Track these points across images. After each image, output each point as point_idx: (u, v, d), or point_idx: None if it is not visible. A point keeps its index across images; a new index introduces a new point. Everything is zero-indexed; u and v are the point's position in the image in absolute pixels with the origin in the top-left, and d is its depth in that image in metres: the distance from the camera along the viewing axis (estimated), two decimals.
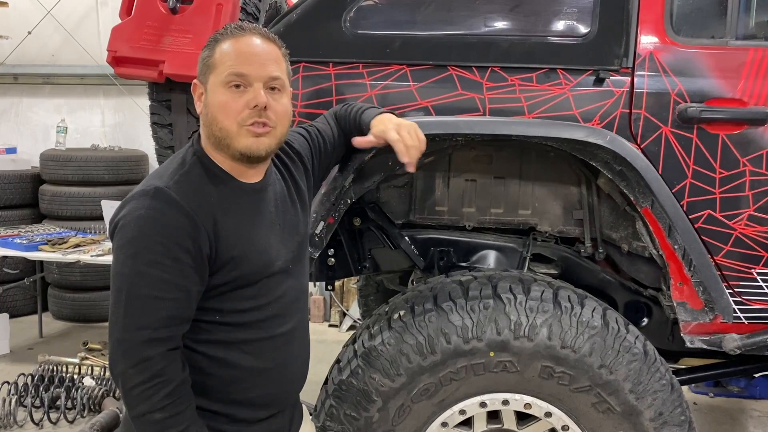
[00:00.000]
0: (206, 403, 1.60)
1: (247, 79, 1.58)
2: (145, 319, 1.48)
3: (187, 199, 1.53)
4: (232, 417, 1.65)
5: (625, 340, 2.13)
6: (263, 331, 1.66)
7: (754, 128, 2.22)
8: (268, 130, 1.61)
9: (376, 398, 2.16)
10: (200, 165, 1.62)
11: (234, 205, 1.62)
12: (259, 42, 1.62)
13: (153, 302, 1.48)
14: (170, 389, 1.47)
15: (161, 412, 1.47)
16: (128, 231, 1.50)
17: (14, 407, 3.99)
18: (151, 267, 1.48)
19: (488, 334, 2.11)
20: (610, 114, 2.22)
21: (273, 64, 1.62)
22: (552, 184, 2.56)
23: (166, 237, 1.50)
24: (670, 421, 2.15)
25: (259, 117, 1.58)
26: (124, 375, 1.47)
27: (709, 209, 2.26)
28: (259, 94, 1.57)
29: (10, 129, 7.02)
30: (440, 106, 2.26)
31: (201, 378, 1.58)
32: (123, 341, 1.48)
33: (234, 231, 1.59)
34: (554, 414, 2.17)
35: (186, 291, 1.52)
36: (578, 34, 2.28)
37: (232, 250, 1.58)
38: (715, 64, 2.24)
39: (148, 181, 1.59)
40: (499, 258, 2.65)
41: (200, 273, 1.54)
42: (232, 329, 1.62)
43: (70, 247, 4.79)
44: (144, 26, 2.33)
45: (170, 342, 1.50)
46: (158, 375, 1.46)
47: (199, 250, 1.52)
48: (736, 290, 2.31)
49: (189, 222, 1.51)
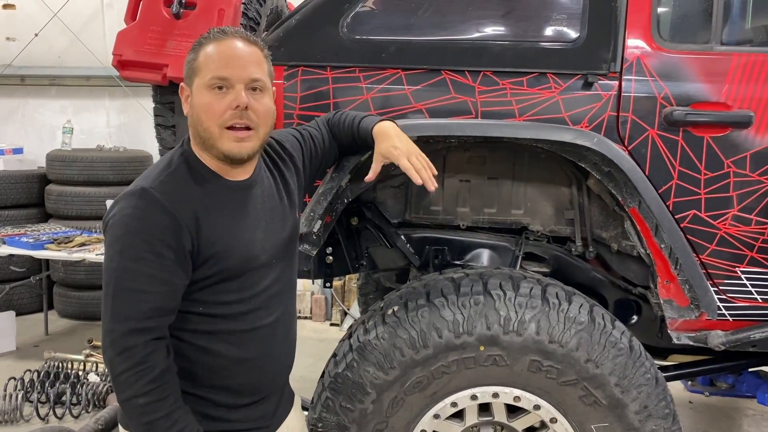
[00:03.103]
0: (191, 388, 1.68)
1: (229, 81, 1.65)
2: (130, 310, 1.56)
3: (170, 198, 1.61)
4: (215, 402, 1.73)
5: (611, 336, 2.18)
6: (246, 323, 1.73)
7: (738, 131, 2.28)
8: (250, 134, 1.68)
9: (371, 390, 2.20)
10: (186, 165, 1.70)
11: (218, 202, 1.69)
12: (241, 45, 1.69)
13: (137, 295, 1.56)
14: (153, 376, 1.55)
15: (145, 397, 1.54)
16: (116, 229, 1.59)
17: (21, 402, 4.04)
18: (135, 262, 1.57)
19: (478, 329, 2.16)
20: (599, 117, 2.28)
21: (254, 66, 1.69)
22: (543, 184, 2.60)
23: (150, 234, 1.58)
24: (654, 414, 2.19)
25: (241, 118, 1.65)
26: (111, 362, 1.56)
27: (695, 209, 2.32)
28: (240, 95, 1.65)
29: (17, 129, 7.08)
30: (434, 108, 2.32)
31: (187, 365, 1.66)
32: (110, 331, 1.56)
33: (217, 227, 1.67)
34: (543, 407, 2.22)
35: (169, 284, 1.59)
36: (567, 39, 2.33)
37: (215, 245, 1.65)
38: (701, 68, 2.29)
39: (137, 182, 1.67)
40: (493, 256, 2.69)
41: (183, 267, 1.61)
42: (215, 320, 1.70)
43: (75, 246, 4.84)
44: (148, 31, 2.38)
45: (154, 332, 1.57)
46: (142, 362, 1.54)
47: (181, 246, 1.60)
48: (721, 288, 2.37)
49: (171, 220, 1.59)
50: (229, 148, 1.66)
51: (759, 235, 2.32)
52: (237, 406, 1.77)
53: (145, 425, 1.56)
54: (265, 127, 1.72)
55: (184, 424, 1.59)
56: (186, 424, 1.59)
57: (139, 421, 1.56)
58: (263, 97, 1.71)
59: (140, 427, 1.57)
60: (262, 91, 1.71)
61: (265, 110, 1.71)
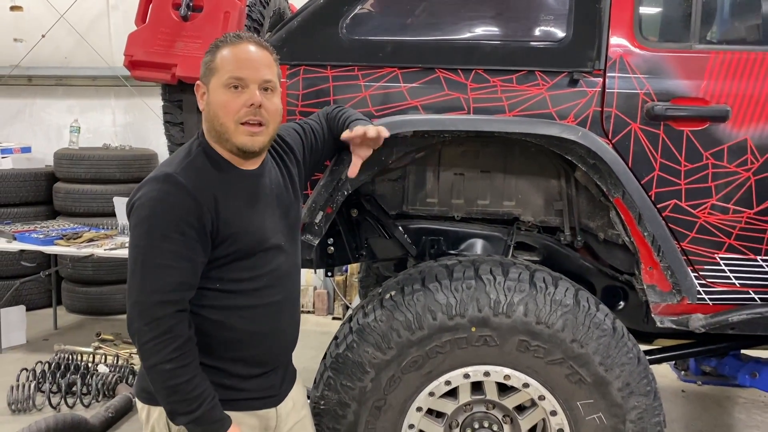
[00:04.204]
0: (208, 359, 1.83)
1: (245, 81, 1.81)
2: (157, 283, 1.72)
3: (192, 183, 1.76)
4: (230, 372, 1.89)
5: (595, 317, 2.29)
6: (258, 298, 1.89)
7: (715, 125, 2.38)
8: (262, 129, 1.84)
9: (369, 370, 2.33)
10: (204, 154, 1.86)
11: (233, 188, 1.85)
12: (255, 49, 1.86)
13: (163, 270, 1.72)
14: (178, 344, 1.71)
15: (170, 363, 1.70)
16: (143, 210, 1.74)
17: (33, 392, 4.15)
18: (162, 240, 1.72)
19: (470, 311, 2.28)
20: (584, 112, 2.39)
21: (266, 68, 1.85)
22: (534, 177, 2.70)
23: (175, 215, 1.73)
24: (636, 391, 2.31)
25: (255, 115, 1.82)
26: (139, 332, 1.71)
27: (675, 199, 2.42)
28: (255, 94, 1.81)
29: (25, 129, 7.17)
30: (428, 105, 2.43)
31: (204, 339, 1.81)
32: (138, 303, 1.72)
33: (233, 210, 1.82)
34: (531, 385, 2.34)
35: (191, 261, 1.75)
36: (554, 39, 2.44)
37: (231, 226, 1.81)
38: (680, 66, 2.40)
39: (160, 168, 1.83)
40: (486, 246, 2.79)
41: (204, 246, 1.77)
42: (231, 296, 1.86)
43: (84, 242, 4.94)
44: (158, 33, 2.47)
45: (178, 304, 1.73)
46: (167, 332, 1.70)
47: (202, 226, 1.75)
48: (701, 274, 2.47)
49: (194, 202, 1.74)
50: (243, 141, 1.82)
51: (736, 223, 2.43)
52: (249, 377, 1.92)
53: (170, 388, 1.72)
54: (274, 123, 1.88)
55: (203, 388, 1.75)
56: (204, 389, 1.75)
57: (165, 385, 1.72)
58: (273, 96, 1.87)
59: (165, 390, 1.73)
60: (273, 91, 1.87)
61: (275, 108, 1.87)
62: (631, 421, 2.32)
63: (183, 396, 1.73)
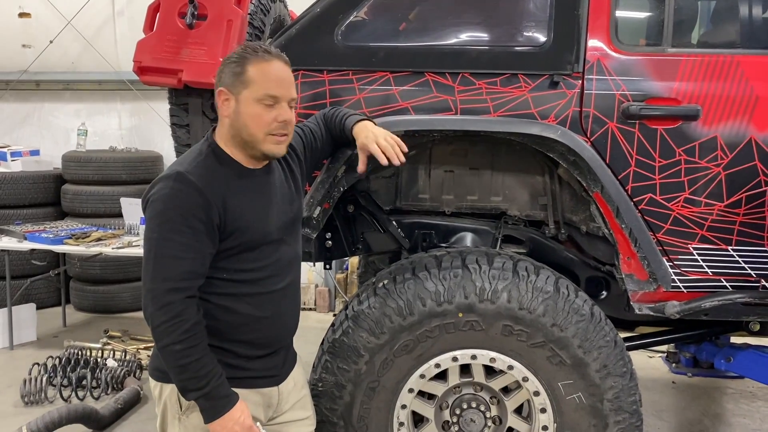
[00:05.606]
0: (216, 342, 1.99)
1: (278, 99, 1.98)
2: (168, 272, 1.88)
3: (202, 180, 1.93)
4: (236, 353, 2.05)
5: (574, 303, 2.43)
6: (262, 286, 2.06)
7: (687, 123, 2.51)
8: (286, 139, 2.04)
9: (364, 353, 2.47)
10: (213, 154, 2.02)
11: (240, 186, 2.01)
12: (284, 68, 2.02)
13: (174, 260, 1.88)
14: (187, 327, 1.87)
15: (180, 344, 1.86)
16: (157, 205, 1.91)
17: (45, 385, 4.29)
18: (173, 233, 1.89)
19: (457, 298, 2.42)
20: (564, 112, 2.51)
21: (293, 87, 2.04)
22: (519, 174, 2.82)
23: (185, 210, 1.89)
24: (613, 372, 2.44)
25: (284, 129, 2.00)
26: (152, 316, 1.88)
27: (651, 193, 2.54)
28: (287, 111, 2.00)
29: (33, 132, 7.28)
30: (418, 106, 2.56)
31: (213, 323, 1.98)
32: (151, 290, 1.88)
33: (239, 206, 1.98)
34: (516, 367, 2.47)
35: (200, 252, 1.91)
36: (536, 43, 2.57)
37: (237, 221, 1.97)
38: (654, 68, 2.52)
39: (172, 167, 1.99)
40: (475, 239, 2.92)
41: (212, 238, 1.94)
42: (237, 284, 2.02)
43: (92, 241, 5.08)
44: (165, 40, 2.60)
45: (188, 291, 1.89)
46: (178, 316, 1.86)
47: (210, 220, 1.92)
48: (675, 263, 2.60)
49: (203, 199, 1.91)
50: (271, 149, 2.01)
51: (708, 215, 2.55)
52: (253, 357, 2.08)
53: (180, 367, 1.88)
54: (292, 133, 2.08)
55: (211, 367, 1.91)
56: (213, 368, 1.91)
57: (176, 364, 1.88)
58: (293, 111, 2.05)
59: (176, 368, 1.89)
60: (293, 107, 2.05)
61: (295, 121, 2.07)
62: (609, 400, 2.45)
63: (192, 374, 1.89)
